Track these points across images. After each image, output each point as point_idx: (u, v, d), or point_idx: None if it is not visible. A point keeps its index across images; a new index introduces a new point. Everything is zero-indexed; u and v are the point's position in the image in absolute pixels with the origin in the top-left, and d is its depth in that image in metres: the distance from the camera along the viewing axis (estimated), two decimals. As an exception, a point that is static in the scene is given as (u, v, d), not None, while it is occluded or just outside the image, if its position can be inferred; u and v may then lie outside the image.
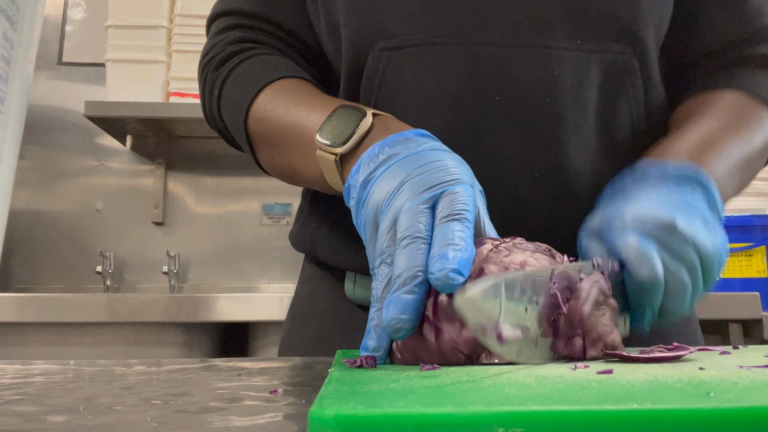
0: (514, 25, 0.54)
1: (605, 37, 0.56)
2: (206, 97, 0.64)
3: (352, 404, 0.22)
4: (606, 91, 0.56)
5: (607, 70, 0.56)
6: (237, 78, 0.60)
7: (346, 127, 0.48)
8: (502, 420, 0.20)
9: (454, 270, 0.35)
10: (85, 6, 2.06)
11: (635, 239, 0.42)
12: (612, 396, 0.23)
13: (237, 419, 0.27)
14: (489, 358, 0.36)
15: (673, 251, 0.42)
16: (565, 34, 0.55)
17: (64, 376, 0.42)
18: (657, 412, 0.20)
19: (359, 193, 0.44)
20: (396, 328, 0.36)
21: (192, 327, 1.38)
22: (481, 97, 0.54)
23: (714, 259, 0.44)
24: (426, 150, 0.43)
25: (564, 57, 0.54)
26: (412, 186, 0.41)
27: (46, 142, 1.98)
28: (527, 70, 0.54)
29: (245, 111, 0.58)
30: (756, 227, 1.56)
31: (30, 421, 0.27)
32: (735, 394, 0.22)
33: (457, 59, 0.54)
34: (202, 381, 0.39)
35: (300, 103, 0.55)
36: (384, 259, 0.39)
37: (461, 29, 0.54)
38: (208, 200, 1.99)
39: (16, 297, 1.36)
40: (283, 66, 0.61)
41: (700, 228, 0.44)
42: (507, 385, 0.26)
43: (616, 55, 0.56)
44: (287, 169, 0.58)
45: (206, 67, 0.64)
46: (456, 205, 0.39)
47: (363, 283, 0.61)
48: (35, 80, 1.95)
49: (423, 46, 0.55)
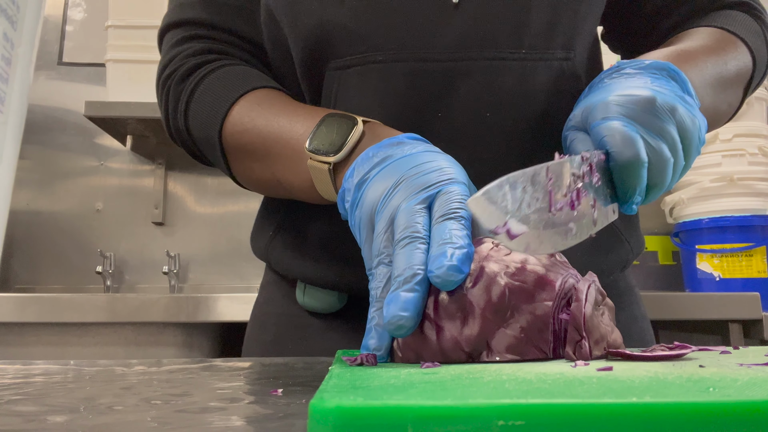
0: (456, 40, 0.54)
1: (550, 45, 0.56)
2: (170, 112, 0.62)
3: (353, 396, 0.22)
4: (553, 98, 0.56)
5: (554, 77, 0.56)
6: (206, 91, 0.59)
7: (337, 135, 0.48)
8: (502, 413, 0.20)
9: (453, 267, 0.35)
10: (85, 6, 2.06)
11: (617, 123, 0.43)
12: (612, 391, 0.23)
13: (237, 419, 0.27)
14: (490, 356, 0.36)
15: (654, 128, 0.44)
16: (508, 44, 0.54)
17: (64, 376, 0.42)
18: (656, 406, 0.20)
19: (353, 195, 0.44)
20: (397, 326, 0.36)
21: (192, 327, 1.38)
22: (424, 114, 0.54)
23: (693, 133, 0.46)
24: (420, 152, 0.44)
25: (507, 68, 0.54)
26: (408, 186, 0.41)
27: (46, 142, 1.98)
28: (469, 84, 0.54)
29: (219, 124, 0.57)
30: (756, 227, 1.56)
31: (30, 421, 0.27)
32: (735, 390, 0.22)
33: (398, 77, 0.54)
34: (202, 381, 0.39)
35: (281, 114, 0.54)
36: (382, 259, 0.39)
37: (403, 46, 0.54)
38: (208, 200, 1.99)
39: (16, 297, 1.36)
40: (254, 76, 0.60)
41: (678, 103, 0.45)
42: (507, 380, 0.26)
43: (561, 61, 0.56)
44: (270, 181, 0.57)
45: (168, 80, 0.62)
46: (452, 204, 0.39)
47: (312, 293, 0.62)
48: (35, 80, 1.95)
49: (366, 65, 0.55)
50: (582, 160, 0.41)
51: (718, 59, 0.57)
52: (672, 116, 0.45)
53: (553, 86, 0.56)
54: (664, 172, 0.44)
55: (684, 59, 0.54)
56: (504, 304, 0.36)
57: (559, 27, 0.56)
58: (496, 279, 0.36)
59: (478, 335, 0.35)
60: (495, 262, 0.37)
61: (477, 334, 0.35)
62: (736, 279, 1.55)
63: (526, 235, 0.36)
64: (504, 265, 0.37)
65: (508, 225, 0.35)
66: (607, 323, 0.38)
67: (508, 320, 0.36)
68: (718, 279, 1.57)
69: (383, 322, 0.36)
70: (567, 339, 0.36)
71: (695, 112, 0.47)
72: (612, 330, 0.38)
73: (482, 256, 0.37)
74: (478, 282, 0.36)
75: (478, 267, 0.37)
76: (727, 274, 1.56)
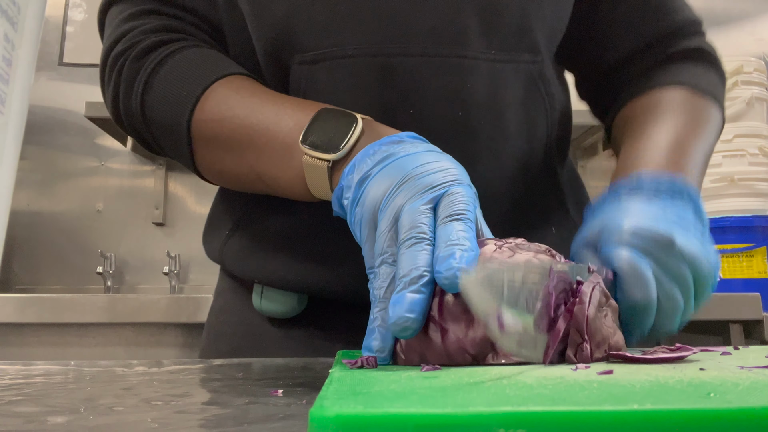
0: (427, 36, 0.52)
1: (519, 48, 0.55)
2: (121, 92, 0.57)
3: (353, 404, 0.22)
4: (524, 101, 0.56)
5: (524, 80, 0.56)
6: (172, 71, 0.54)
7: (336, 131, 0.46)
8: (503, 420, 0.20)
9: (461, 269, 0.35)
10: (85, 7, 2.06)
11: (631, 256, 0.41)
12: (613, 396, 0.23)
13: (237, 420, 0.27)
14: (495, 359, 0.35)
15: (669, 269, 0.42)
16: (479, 44, 0.54)
17: (64, 376, 0.42)
18: (657, 413, 0.20)
19: (354, 192, 0.42)
20: (403, 327, 0.35)
21: (192, 328, 1.38)
22: (396, 110, 0.53)
23: (708, 279, 0.44)
24: (422, 151, 0.43)
25: (478, 67, 0.53)
26: (412, 185, 0.40)
27: (46, 143, 1.98)
28: (440, 82, 0.53)
29: (189, 110, 0.53)
30: (757, 228, 1.56)
31: (31, 421, 0.27)
32: (735, 395, 0.22)
33: (369, 72, 0.52)
34: (202, 381, 0.39)
35: (265, 104, 0.51)
36: (385, 258, 0.39)
37: (373, 40, 0.52)
38: (208, 201, 1.97)
39: (16, 298, 1.36)
40: (226, 61, 0.56)
41: (697, 246, 0.44)
42: (508, 386, 0.26)
43: (529, 65, 0.56)
44: (245, 175, 0.53)
45: (121, 56, 0.57)
46: (457, 205, 0.39)
47: (270, 295, 0.59)
48: (36, 81, 1.95)
49: (335, 59, 0.53)
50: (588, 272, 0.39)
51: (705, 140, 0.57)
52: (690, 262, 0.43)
53: (523, 88, 0.56)
54: (672, 317, 0.42)
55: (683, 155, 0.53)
56: None
57: (527, 30, 0.55)
58: None
59: (483, 337, 0.35)
60: (499, 264, 0.37)
61: (482, 336, 0.35)
62: (736, 279, 1.55)
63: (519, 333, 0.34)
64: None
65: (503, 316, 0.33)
66: (610, 325, 0.38)
67: None
68: (719, 279, 1.56)
69: (389, 323, 0.36)
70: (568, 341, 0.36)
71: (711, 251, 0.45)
72: (614, 332, 0.38)
73: (486, 257, 0.37)
74: None
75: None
76: (727, 274, 1.56)
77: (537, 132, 0.58)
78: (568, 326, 0.36)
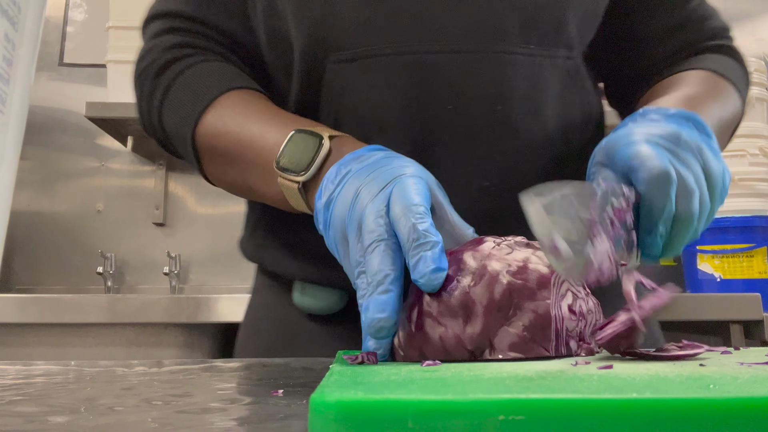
0: (463, 32, 0.53)
1: (556, 43, 0.56)
2: (144, 104, 0.62)
3: (353, 391, 0.22)
4: (562, 95, 0.56)
5: (562, 74, 0.56)
6: (181, 88, 0.58)
7: (304, 153, 0.49)
8: (503, 407, 0.20)
9: (435, 270, 0.36)
10: (86, 7, 2.06)
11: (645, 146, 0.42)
12: (612, 387, 0.23)
13: (237, 420, 0.27)
14: (493, 354, 0.36)
15: (680, 158, 0.43)
16: (517, 39, 0.54)
17: (65, 376, 0.42)
18: (657, 402, 0.20)
19: (324, 216, 0.45)
20: (377, 328, 0.37)
21: (193, 328, 1.38)
22: (433, 106, 0.53)
23: (717, 176, 0.45)
24: (375, 159, 0.45)
25: (517, 62, 0.54)
26: (367, 192, 0.42)
27: (47, 143, 1.98)
28: (478, 77, 0.53)
29: (193, 125, 0.56)
30: (757, 228, 1.56)
31: (31, 421, 0.27)
32: (735, 387, 0.22)
33: (406, 69, 0.53)
34: (202, 382, 0.39)
35: (253, 120, 0.54)
36: (360, 269, 0.40)
37: (409, 38, 0.53)
38: (209, 201, 1.99)
39: (17, 298, 1.36)
40: (229, 75, 0.59)
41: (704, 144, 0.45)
42: (507, 378, 0.26)
43: (566, 60, 0.56)
44: (242, 186, 0.57)
45: (143, 73, 0.62)
46: (406, 193, 0.40)
47: (311, 292, 0.60)
48: (36, 81, 1.95)
49: (373, 57, 0.54)
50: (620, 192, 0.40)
51: (718, 104, 0.57)
52: (698, 154, 0.44)
53: (561, 83, 0.56)
54: (690, 200, 0.42)
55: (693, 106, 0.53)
56: (506, 302, 0.36)
57: (564, 26, 0.56)
58: (499, 277, 0.36)
59: (480, 333, 0.36)
60: (497, 260, 0.37)
61: (480, 332, 0.36)
62: (737, 280, 1.55)
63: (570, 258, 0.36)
64: (506, 263, 0.37)
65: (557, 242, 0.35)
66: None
67: (510, 318, 0.36)
68: (719, 280, 1.56)
69: (363, 327, 0.37)
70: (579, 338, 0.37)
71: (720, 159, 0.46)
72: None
73: (484, 254, 0.38)
74: (480, 280, 0.36)
75: (480, 265, 0.37)
76: (728, 274, 1.56)
77: (575, 131, 0.58)
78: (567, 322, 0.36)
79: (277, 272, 0.63)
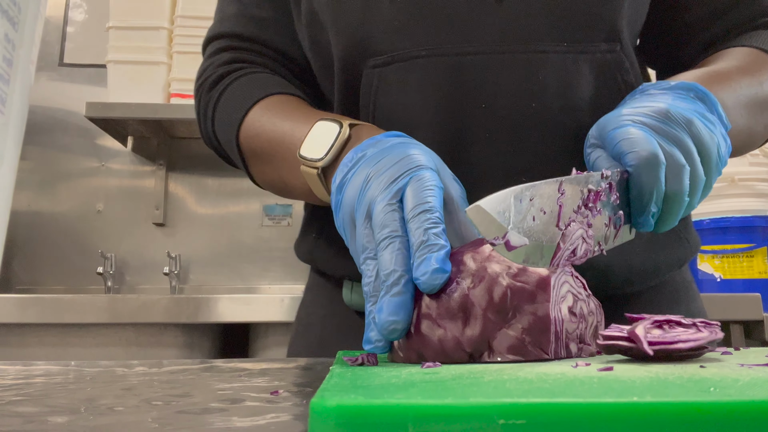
0: (496, 33, 0.54)
1: (593, 38, 0.56)
2: (201, 118, 0.67)
3: (354, 395, 0.22)
4: (599, 90, 0.56)
5: (599, 69, 0.56)
6: (228, 98, 0.63)
7: (324, 140, 0.50)
8: (503, 412, 0.20)
9: (437, 270, 0.37)
10: (86, 7, 2.06)
11: (631, 128, 0.43)
12: (612, 390, 0.23)
13: (238, 420, 0.27)
14: (492, 356, 0.36)
15: (668, 136, 0.44)
16: (550, 37, 0.55)
17: (65, 377, 0.42)
18: (657, 405, 0.20)
19: (335, 198, 0.46)
20: (390, 330, 0.37)
21: (193, 328, 1.38)
22: (467, 106, 0.55)
23: (710, 147, 0.45)
24: (390, 146, 0.45)
25: (549, 60, 0.54)
26: (378, 179, 0.42)
27: (47, 144, 1.98)
28: (511, 76, 0.54)
29: (236, 128, 0.60)
30: (757, 228, 1.56)
31: (31, 422, 0.27)
32: (735, 390, 0.22)
33: (440, 71, 0.55)
34: (202, 382, 0.39)
35: (286, 118, 0.57)
36: (367, 255, 0.40)
37: (443, 41, 0.55)
38: (209, 201, 1.99)
39: (17, 298, 1.36)
40: (271, 83, 0.63)
41: (695, 118, 0.45)
42: (508, 380, 0.26)
43: (605, 54, 0.56)
44: (278, 183, 0.60)
45: (200, 89, 0.67)
46: (422, 193, 0.40)
47: (359, 290, 0.62)
48: (36, 81, 1.95)
49: (408, 60, 0.56)
50: (602, 177, 0.41)
51: (753, 80, 0.57)
52: (687, 128, 0.44)
53: (598, 78, 0.56)
54: (679, 177, 0.43)
55: (716, 80, 0.53)
56: (506, 304, 0.36)
57: (601, 20, 0.56)
58: (498, 280, 0.36)
59: (479, 335, 0.36)
60: (497, 262, 0.37)
61: (478, 334, 0.36)
62: (737, 280, 1.55)
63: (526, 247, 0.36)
64: (506, 265, 0.37)
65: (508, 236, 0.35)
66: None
67: (509, 321, 0.36)
68: (720, 280, 1.56)
69: (378, 328, 0.37)
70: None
71: (714, 129, 0.46)
72: None
73: (484, 256, 0.37)
74: (480, 283, 0.36)
75: (480, 267, 0.37)
76: (728, 275, 1.56)
77: None
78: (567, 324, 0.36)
79: (327, 272, 0.65)
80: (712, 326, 0.35)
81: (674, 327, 0.34)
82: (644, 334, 0.33)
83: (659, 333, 0.34)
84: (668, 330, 0.34)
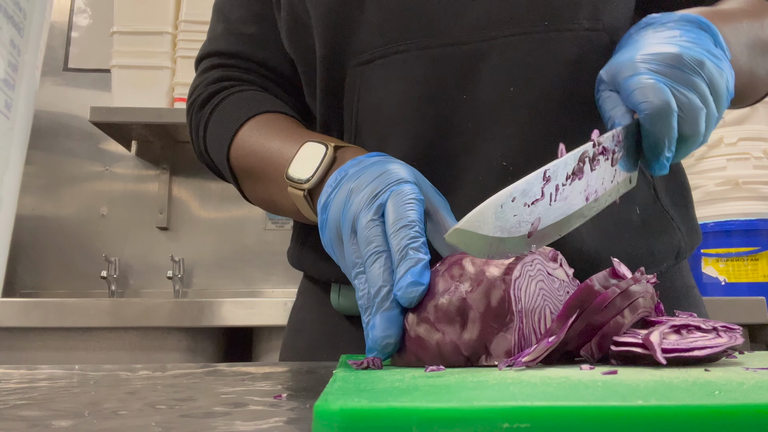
0: (476, 22, 0.55)
1: (574, 16, 0.55)
2: (194, 136, 0.68)
3: (357, 399, 0.22)
4: (580, 68, 0.55)
5: (580, 47, 0.55)
6: (218, 117, 0.64)
7: (311, 162, 0.51)
8: (507, 415, 0.20)
9: (410, 284, 0.38)
10: (90, 12, 2.07)
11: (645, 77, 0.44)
12: (617, 394, 0.22)
13: (241, 424, 0.27)
14: (489, 360, 0.36)
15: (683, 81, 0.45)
16: (529, 20, 0.55)
17: (69, 380, 0.42)
18: (662, 409, 0.20)
19: (320, 218, 0.46)
20: (383, 346, 0.38)
21: (196, 332, 1.38)
22: (449, 98, 0.55)
23: (720, 84, 0.46)
24: (370, 164, 0.46)
25: (528, 41, 0.54)
26: (360, 195, 0.43)
27: (51, 148, 1.99)
28: (491, 63, 0.54)
29: (227, 148, 0.61)
30: (761, 231, 1.56)
31: (35, 425, 0.27)
32: (741, 393, 0.22)
33: (420, 65, 0.55)
34: (206, 386, 0.39)
35: (274, 138, 0.58)
36: (358, 270, 0.41)
37: (422, 34, 0.55)
38: (212, 205, 1.99)
39: (21, 302, 1.36)
40: (259, 101, 0.64)
41: (705, 57, 0.46)
42: (512, 384, 0.26)
43: (588, 32, 0.56)
44: (268, 202, 0.61)
45: (191, 108, 0.68)
46: (402, 207, 0.41)
47: (347, 293, 0.62)
48: (41, 86, 1.96)
49: (388, 56, 0.56)
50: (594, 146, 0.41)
51: (755, 22, 0.57)
52: (700, 70, 0.45)
53: (580, 56, 0.55)
54: (696, 121, 0.44)
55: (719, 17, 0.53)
56: (503, 308, 0.36)
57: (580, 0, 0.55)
58: (496, 283, 0.36)
59: (477, 339, 0.36)
60: (495, 266, 0.37)
61: (476, 338, 0.36)
62: (741, 283, 1.54)
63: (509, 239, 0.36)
64: (504, 267, 0.37)
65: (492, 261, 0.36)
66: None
67: (507, 324, 0.36)
68: (724, 283, 1.56)
69: (370, 346, 0.38)
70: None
71: (722, 64, 0.47)
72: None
73: (483, 260, 0.37)
74: (478, 287, 0.36)
75: (478, 271, 0.37)
76: (732, 278, 1.55)
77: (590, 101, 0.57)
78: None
79: (314, 276, 0.66)
80: (733, 331, 0.35)
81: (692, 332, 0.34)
82: (659, 342, 0.32)
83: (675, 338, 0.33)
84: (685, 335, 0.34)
